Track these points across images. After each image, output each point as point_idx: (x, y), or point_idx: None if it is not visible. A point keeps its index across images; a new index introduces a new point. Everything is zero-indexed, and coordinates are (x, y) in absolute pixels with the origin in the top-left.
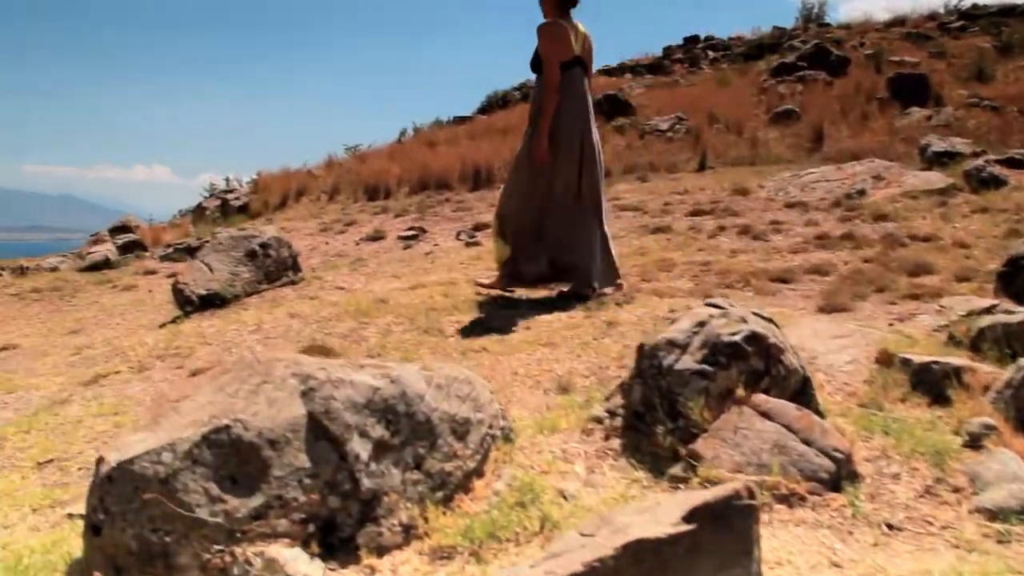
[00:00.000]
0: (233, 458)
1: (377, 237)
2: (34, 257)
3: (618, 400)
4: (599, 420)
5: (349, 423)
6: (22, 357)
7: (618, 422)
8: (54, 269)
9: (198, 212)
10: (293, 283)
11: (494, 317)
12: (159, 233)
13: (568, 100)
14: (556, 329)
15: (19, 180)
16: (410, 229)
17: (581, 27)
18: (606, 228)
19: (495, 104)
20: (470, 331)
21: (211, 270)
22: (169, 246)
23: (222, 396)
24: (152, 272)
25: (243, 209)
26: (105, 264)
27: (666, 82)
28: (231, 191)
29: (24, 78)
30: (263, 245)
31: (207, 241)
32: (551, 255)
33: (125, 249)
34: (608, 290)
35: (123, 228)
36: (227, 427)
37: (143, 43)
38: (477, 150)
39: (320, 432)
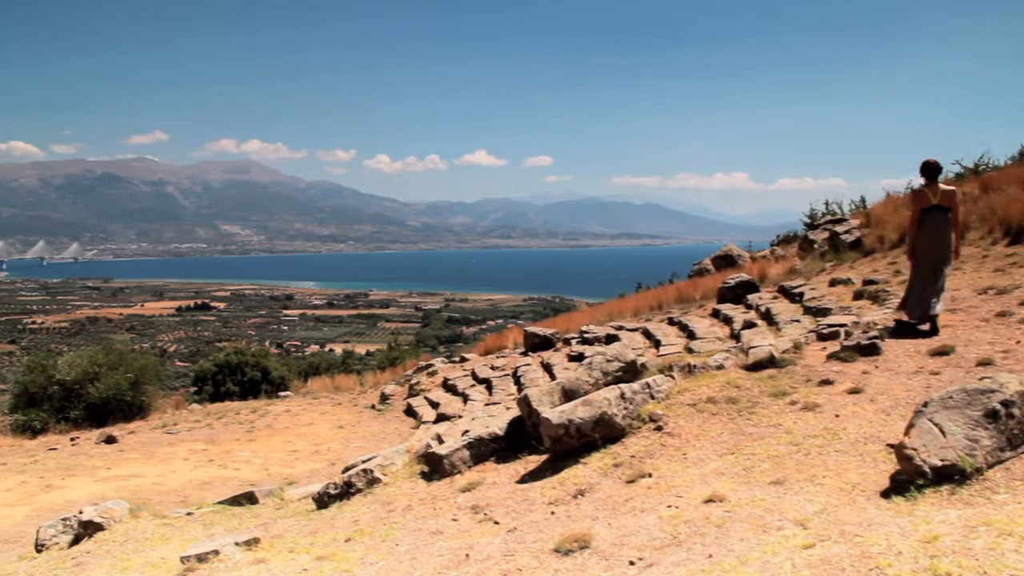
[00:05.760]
0: None
1: None
2: (699, 354)
3: None
4: None
5: None
6: (740, 525)
7: None
8: (720, 367)
9: (805, 244)
10: None
11: None
12: (764, 267)
13: (925, 230)
14: None
15: (609, 191)
16: None
17: (943, 186)
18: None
19: None
20: None
21: (943, 433)
22: (791, 296)
23: None
24: (827, 382)
25: (855, 245)
26: (770, 362)
27: None
28: (839, 220)
29: (605, 95)
30: (1005, 403)
31: (879, 333)
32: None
33: (737, 292)
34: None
35: (726, 258)
36: None
37: (713, 53)
38: None
39: None
